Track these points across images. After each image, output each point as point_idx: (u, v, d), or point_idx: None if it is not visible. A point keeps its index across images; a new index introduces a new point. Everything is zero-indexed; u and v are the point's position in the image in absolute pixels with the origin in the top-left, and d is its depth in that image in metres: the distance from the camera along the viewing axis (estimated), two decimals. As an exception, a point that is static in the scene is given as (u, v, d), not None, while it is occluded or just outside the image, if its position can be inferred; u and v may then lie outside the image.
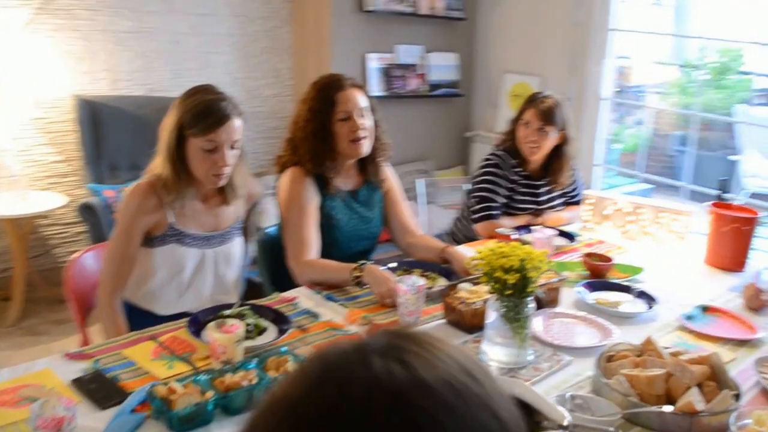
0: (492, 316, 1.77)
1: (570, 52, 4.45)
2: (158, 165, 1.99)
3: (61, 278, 2.21)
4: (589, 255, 2.47)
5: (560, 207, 3.02)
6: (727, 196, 2.78)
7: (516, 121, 2.85)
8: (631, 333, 1.99)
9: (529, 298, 1.73)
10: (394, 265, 2.31)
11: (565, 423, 1.27)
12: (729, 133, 6.57)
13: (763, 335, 2.03)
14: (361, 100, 2.28)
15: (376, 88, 4.48)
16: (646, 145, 5.98)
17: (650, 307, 2.17)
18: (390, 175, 2.51)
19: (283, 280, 2.40)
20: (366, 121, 2.28)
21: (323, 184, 2.32)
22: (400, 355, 0.57)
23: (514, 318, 1.73)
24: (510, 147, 2.87)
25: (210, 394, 1.42)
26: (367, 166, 2.42)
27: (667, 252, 2.77)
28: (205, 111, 1.92)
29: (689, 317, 2.12)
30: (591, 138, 4.49)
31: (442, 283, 2.18)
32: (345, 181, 2.39)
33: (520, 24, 4.74)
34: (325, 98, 2.25)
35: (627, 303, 2.21)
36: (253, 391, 1.47)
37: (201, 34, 4.12)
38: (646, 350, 1.75)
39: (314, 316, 1.96)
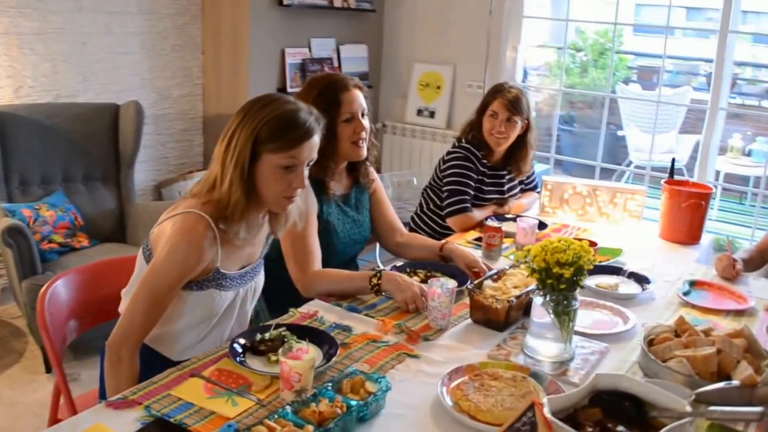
0: (539, 312, 1.77)
1: (484, 39, 4.54)
2: (222, 188, 1.68)
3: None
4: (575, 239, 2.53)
5: (519, 194, 3.09)
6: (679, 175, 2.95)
7: (481, 112, 2.87)
8: (638, 314, 2.08)
9: (577, 291, 1.75)
10: (399, 264, 2.27)
11: (688, 409, 1.30)
12: (608, 111, 7.00)
13: (754, 303, 2.18)
14: (363, 101, 2.21)
15: (293, 83, 4.35)
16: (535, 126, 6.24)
17: (644, 288, 2.27)
18: (375, 175, 2.45)
19: (277, 295, 2.28)
20: (366, 123, 2.22)
21: (320, 190, 2.22)
22: None
23: (563, 312, 1.75)
24: (474, 138, 2.89)
25: (310, 429, 1.32)
26: (358, 167, 2.35)
27: (624, 230, 2.91)
28: (289, 124, 1.68)
29: (685, 293, 2.24)
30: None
31: (446, 282, 2.13)
32: (337, 185, 2.31)
33: (430, 13, 4.78)
34: (330, 99, 2.15)
35: (622, 285, 2.30)
36: (348, 419, 1.39)
37: (110, 33, 3.82)
38: (682, 330, 1.83)
39: (347, 329, 1.88)
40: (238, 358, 1.65)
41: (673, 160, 3.03)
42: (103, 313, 1.96)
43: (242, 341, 1.72)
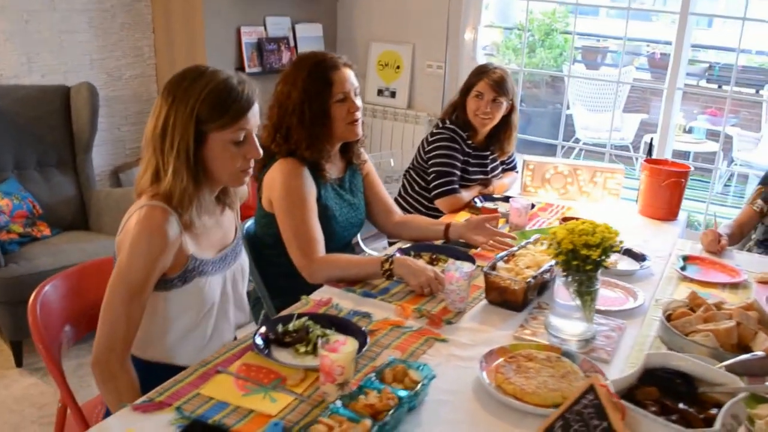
0: (562, 292, 1.76)
1: (443, 19, 4.50)
2: (166, 179, 1.56)
3: None
4: (565, 219, 2.55)
5: (500, 174, 3.08)
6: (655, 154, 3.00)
7: (465, 93, 2.84)
8: (642, 290, 2.09)
9: (600, 272, 1.74)
10: (404, 246, 2.24)
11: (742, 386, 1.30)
12: (553, 90, 7.11)
13: (747, 276, 2.24)
14: (355, 80, 2.13)
15: (251, 63, 4.21)
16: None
17: (642, 264, 2.30)
18: (366, 156, 2.38)
19: (278, 282, 2.21)
20: (359, 102, 2.14)
21: (317, 173, 2.14)
22: None
23: (587, 292, 1.74)
24: (458, 119, 2.86)
25: (368, 423, 1.27)
26: (351, 149, 2.28)
27: (604, 208, 2.94)
28: (229, 95, 1.56)
29: (682, 268, 2.27)
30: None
31: (461, 265, 2.10)
32: (332, 168, 2.24)
33: (387, -9, 4.71)
34: (321, 79, 2.06)
35: (621, 262, 2.32)
36: (401, 410, 1.34)
37: (54, 10, 3.58)
38: (695, 304, 1.85)
39: (367, 316, 1.82)
40: (264, 352, 1.57)
41: (651, 139, 3.08)
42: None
43: (265, 334, 1.64)
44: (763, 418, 1.39)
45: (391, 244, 2.88)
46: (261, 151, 1.66)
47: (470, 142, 2.88)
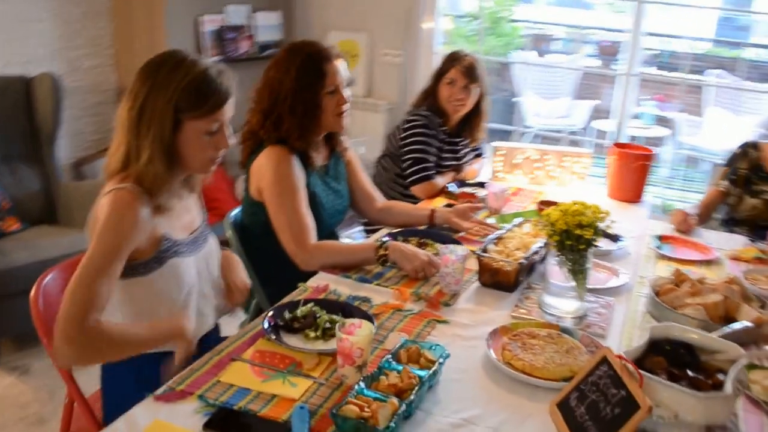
0: (555, 272, 1.83)
1: (400, 8, 4.54)
2: (140, 163, 1.55)
3: None
4: (542, 202, 2.63)
5: (471, 160, 3.14)
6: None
7: (437, 80, 2.88)
8: (623, 268, 2.19)
9: (591, 250, 1.82)
10: (393, 231, 2.28)
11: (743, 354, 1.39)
12: (500, 78, 7.22)
13: (720, 254, 2.36)
14: (344, 72, 2.15)
15: (211, 52, 4.16)
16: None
17: (617, 243, 2.39)
18: (348, 143, 2.41)
19: (269, 269, 2.21)
20: (349, 94, 2.16)
21: (304, 162, 2.16)
22: None
23: (579, 270, 1.81)
24: (432, 106, 2.90)
25: (395, 401, 1.30)
26: (334, 137, 2.30)
27: (573, 191, 3.04)
28: (208, 87, 1.56)
29: (658, 247, 2.38)
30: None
31: (455, 249, 2.13)
32: (317, 156, 2.25)
33: (344, -20, 4.71)
34: (315, 69, 2.07)
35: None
36: (423, 389, 1.38)
37: (15, -2, 3.47)
38: (680, 280, 1.95)
39: (367, 300, 1.85)
40: (275, 338, 1.59)
41: (618, 126, 3.18)
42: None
43: (273, 320, 1.66)
44: (757, 383, 1.49)
45: (368, 231, 2.91)
46: (231, 142, 1.67)
47: (444, 128, 2.93)
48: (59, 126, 3.36)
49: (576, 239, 1.76)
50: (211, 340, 1.77)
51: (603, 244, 2.38)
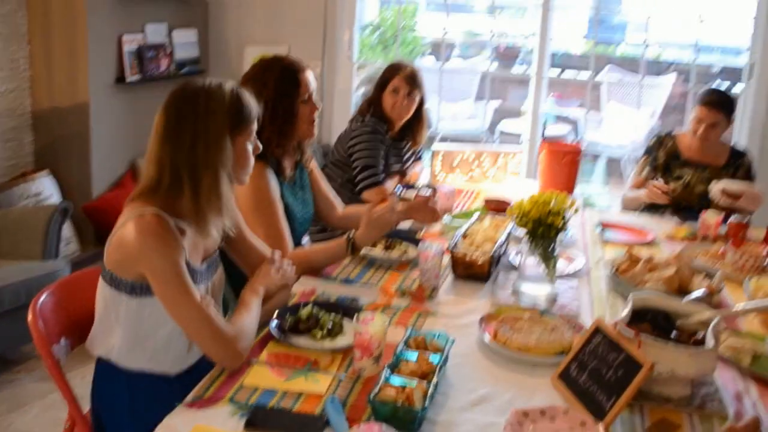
0: (528, 260, 1.99)
1: (319, 19, 4.63)
2: (179, 192, 1.58)
3: None
4: (488, 200, 2.79)
5: (412, 164, 3.28)
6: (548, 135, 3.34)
7: (380, 89, 3.00)
8: (577, 254, 2.38)
9: (560, 236, 1.99)
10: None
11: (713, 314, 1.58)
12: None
13: (655, 235, 2.60)
14: (314, 82, 2.24)
15: (132, 71, 4.11)
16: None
17: (565, 232, 2.58)
18: (310, 152, 2.48)
19: (244, 283, 2.25)
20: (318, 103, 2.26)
21: (278, 172, 2.22)
22: None
23: (550, 256, 1.98)
24: (376, 113, 3.01)
25: (423, 384, 1.41)
26: (301, 146, 2.37)
27: (509, 188, 3.23)
28: (244, 102, 1.64)
29: (601, 233, 2.59)
30: (348, 102, 4.77)
31: (431, 244, 2.24)
32: (288, 166, 2.32)
33: (260, -5, 4.76)
34: (291, 79, 2.15)
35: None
36: (443, 370, 1.50)
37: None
38: (634, 260, 2.16)
39: (355, 300, 1.94)
40: (286, 340, 1.66)
41: (545, 122, 3.41)
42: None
43: (279, 324, 1.73)
44: (721, 343, 1.69)
45: (314, 240, 2.97)
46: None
47: (389, 134, 3.05)
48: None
49: (547, 227, 1.93)
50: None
51: (552, 233, 2.57)
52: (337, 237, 2.17)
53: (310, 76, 2.22)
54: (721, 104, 2.92)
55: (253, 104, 1.68)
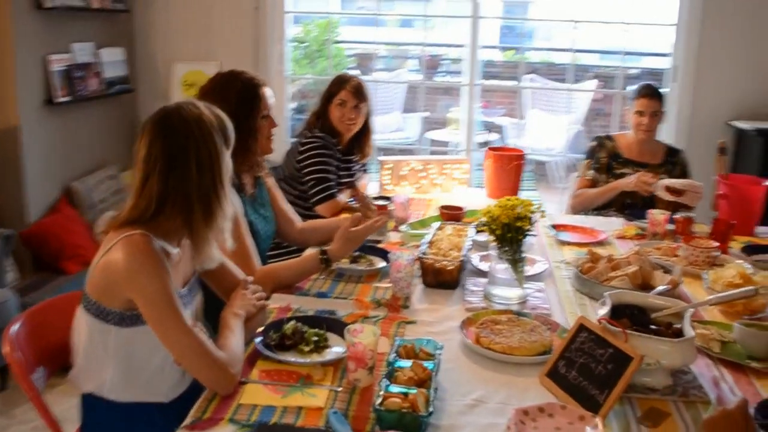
0: (497, 263, 2.04)
1: (249, 35, 4.61)
2: (160, 216, 1.56)
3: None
4: (443, 207, 2.84)
5: (360, 176, 3.29)
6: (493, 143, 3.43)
7: (327, 102, 3.00)
8: (537, 256, 2.45)
9: (526, 240, 2.05)
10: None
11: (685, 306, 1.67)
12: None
13: (606, 235, 2.70)
14: (273, 98, 2.23)
15: (61, 92, 3.97)
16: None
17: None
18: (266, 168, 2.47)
19: (213, 303, 2.21)
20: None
21: (239, 189, 2.20)
22: None
23: (518, 259, 2.04)
24: (324, 127, 3.02)
25: (424, 390, 1.43)
26: (259, 162, 2.35)
27: (457, 196, 3.30)
28: (225, 117, 1.69)
29: (556, 234, 2.68)
30: (281, 115, 4.75)
31: (402, 254, 2.25)
32: (248, 183, 2.30)
33: (187, 12, 4.68)
34: (252, 96, 2.14)
35: (502, 236, 2.66)
36: (437, 376, 1.52)
37: None
38: (595, 259, 2.24)
39: (332, 313, 1.94)
40: (274, 356, 1.64)
41: (490, 131, 3.49)
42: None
43: (267, 339, 1.71)
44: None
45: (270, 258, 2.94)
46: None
47: (338, 147, 3.06)
48: None
49: (516, 231, 1.98)
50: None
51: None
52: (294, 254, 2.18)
53: (269, 92, 2.21)
54: (657, 94, 3.16)
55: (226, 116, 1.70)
